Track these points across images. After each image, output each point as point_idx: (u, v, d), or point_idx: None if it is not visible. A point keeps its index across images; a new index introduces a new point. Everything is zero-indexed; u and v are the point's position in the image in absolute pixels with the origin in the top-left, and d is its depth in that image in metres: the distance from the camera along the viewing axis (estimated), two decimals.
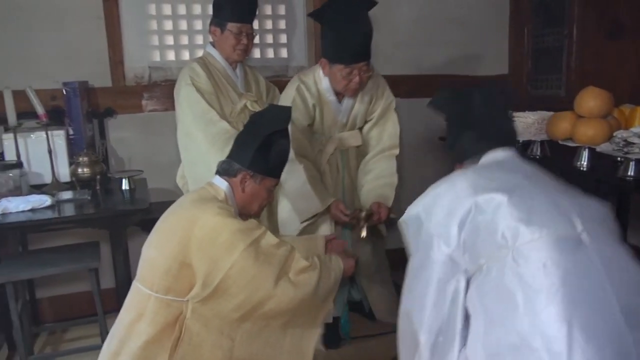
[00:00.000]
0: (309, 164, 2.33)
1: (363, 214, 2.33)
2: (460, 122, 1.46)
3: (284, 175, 1.97)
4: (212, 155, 2.32)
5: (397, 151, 2.51)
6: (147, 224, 2.77)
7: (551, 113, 2.23)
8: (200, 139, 2.34)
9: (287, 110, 1.77)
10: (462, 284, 1.22)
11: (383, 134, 2.52)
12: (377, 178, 2.48)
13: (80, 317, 2.74)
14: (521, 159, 1.37)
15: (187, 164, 2.44)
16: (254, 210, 1.76)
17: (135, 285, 1.61)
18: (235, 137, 1.78)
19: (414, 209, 1.34)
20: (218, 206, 1.57)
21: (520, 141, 2.32)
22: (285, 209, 2.44)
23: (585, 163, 2.02)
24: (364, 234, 2.31)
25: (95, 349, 2.37)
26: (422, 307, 1.26)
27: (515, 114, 2.35)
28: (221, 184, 1.69)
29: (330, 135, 2.45)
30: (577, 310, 1.07)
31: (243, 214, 1.73)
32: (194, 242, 1.51)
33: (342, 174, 2.51)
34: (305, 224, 2.35)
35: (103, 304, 2.32)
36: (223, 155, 2.30)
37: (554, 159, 2.21)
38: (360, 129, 2.55)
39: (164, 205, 2.82)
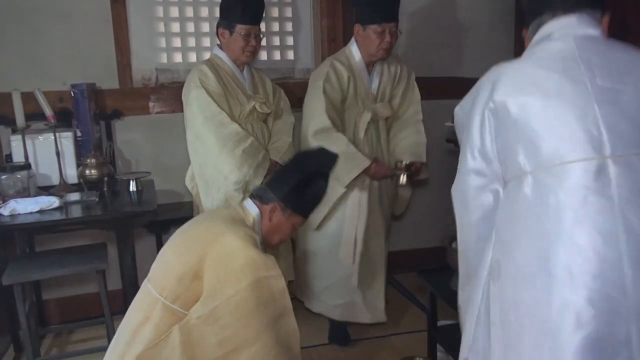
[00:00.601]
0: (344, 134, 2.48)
1: (403, 163, 2.50)
2: None
3: (324, 143, 2.26)
4: (223, 157, 2.33)
5: (421, 116, 2.70)
6: (154, 226, 2.80)
7: None
8: (211, 141, 2.34)
9: (334, 157, 1.79)
10: (502, 194, 1.18)
11: (408, 103, 2.71)
12: (406, 138, 2.66)
13: (87, 318, 2.75)
14: (579, 31, 1.17)
15: (197, 166, 2.44)
16: (274, 242, 1.76)
17: (146, 285, 1.60)
18: (280, 168, 1.80)
19: (459, 110, 1.29)
20: (244, 231, 1.57)
21: None
22: None
23: None
24: (403, 180, 2.47)
25: (102, 350, 2.38)
26: (462, 210, 1.24)
27: None
28: (252, 208, 1.70)
29: (365, 107, 2.57)
30: (577, 254, 1.02)
31: (263, 243, 1.73)
32: (210, 258, 1.50)
33: (377, 145, 2.62)
34: (342, 191, 2.45)
35: (110, 305, 2.32)
36: (234, 157, 2.33)
37: None
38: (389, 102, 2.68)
39: (171, 207, 2.87)
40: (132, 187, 2.47)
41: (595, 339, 1.01)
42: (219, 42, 2.52)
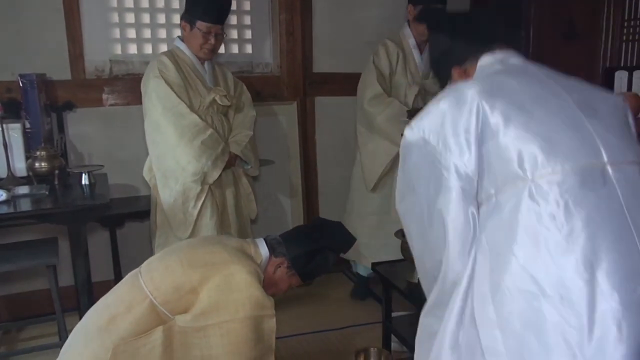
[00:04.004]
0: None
1: None
2: (455, 24, 1.35)
3: (379, 107, 2.69)
4: (181, 148, 2.31)
5: None
6: (108, 220, 2.74)
7: None
8: (169, 132, 2.32)
9: (351, 241, 1.90)
10: (476, 215, 1.07)
11: None
12: None
13: (38, 315, 2.67)
14: (527, 61, 1.20)
15: (155, 157, 2.41)
16: (268, 293, 1.78)
17: (138, 280, 1.58)
18: (299, 227, 1.90)
19: (417, 132, 1.13)
20: (254, 267, 1.62)
21: None
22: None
23: None
24: None
25: (53, 347, 2.33)
26: (441, 231, 1.09)
27: None
28: (263, 250, 1.75)
29: (415, 82, 2.83)
30: (601, 257, 0.96)
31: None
32: (215, 280, 1.54)
33: None
34: (396, 151, 2.64)
35: (62, 302, 2.26)
36: (192, 148, 2.32)
37: None
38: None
39: (126, 201, 2.82)
40: (85, 180, 2.41)
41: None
42: (180, 34, 2.49)
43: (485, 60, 1.23)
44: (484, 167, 1.06)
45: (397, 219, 2.64)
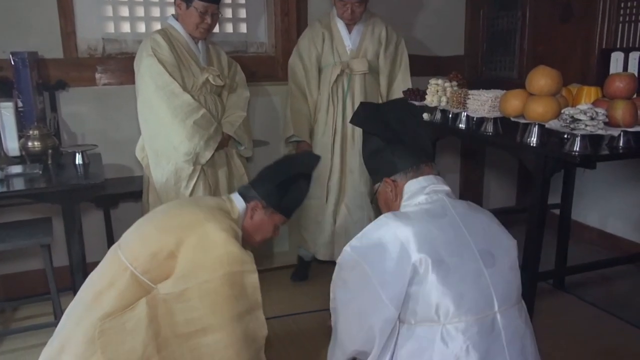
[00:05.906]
0: (305, 104, 2.84)
1: None
2: (386, 136, 1.49)
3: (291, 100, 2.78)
4: (174, 127, 2.30)
5: (408, 84, 2.96)
6: (102, 200, 2.73)
7: (504, 91, 2.30)
8: (162, 111, 2.30)
9: (316, 158, 1.87)
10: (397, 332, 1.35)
11: (397, 69, 2.96)
12: None
13: (33, 295, 2.67)
14: (449, 196, 1.43)
15: (148, 136, 2.40)
16: (256, 240, 1.79)
17: (117, 253, 1.58)
18: (265, 166, 1.85)
19: (355, 256, 1.36)
20: (228, 223, 1.60)
21: (475, 118, 2.39)
22: None
23: (534, 139, 2.10)
24: None
25: (48, 327, 2.34)
26: (366, 343, 1.36)
27: (470, 92, 2.41)
28: (239, 203, 1.73)
29: (341, 61, 2.78)
30: None
31: (244, 241, 1.72)
32: (190, 241, 1.52)
33: (345, 96, 2.82)
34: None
35: (56, 282, 2.26)
36: (185, 127, 2.30)
37: (506, 136, 2.29)
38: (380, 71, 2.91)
39: (120, 182, 2.81)
40: (78, 160, 2.39)
41: None
42: (174, 13, 2.46)
43: (414, 187, 1.44)
44: (408, 301, 1.30)
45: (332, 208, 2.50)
